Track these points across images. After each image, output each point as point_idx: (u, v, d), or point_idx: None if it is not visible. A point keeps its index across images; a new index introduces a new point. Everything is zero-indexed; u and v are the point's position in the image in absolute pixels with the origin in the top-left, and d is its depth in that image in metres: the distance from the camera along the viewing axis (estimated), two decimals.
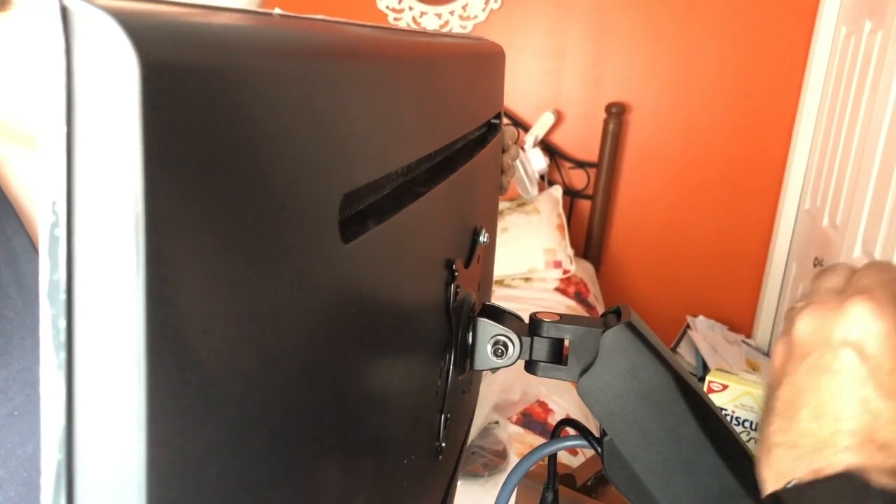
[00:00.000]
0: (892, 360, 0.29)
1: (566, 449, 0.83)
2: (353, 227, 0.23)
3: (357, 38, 0.24)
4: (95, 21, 0.13)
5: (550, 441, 0.46)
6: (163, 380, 0.14)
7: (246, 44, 0.17)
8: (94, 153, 0.13)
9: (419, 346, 0.35)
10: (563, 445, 0.46)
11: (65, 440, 0.15)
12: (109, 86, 0.13)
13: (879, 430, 0.29)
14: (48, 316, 0.14)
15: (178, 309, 0.15)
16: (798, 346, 0.32)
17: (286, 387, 0.20)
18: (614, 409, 0.40)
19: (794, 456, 0.30)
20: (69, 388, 0.14)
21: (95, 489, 0.15)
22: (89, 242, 0.14)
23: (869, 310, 0.30)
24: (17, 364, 0.36)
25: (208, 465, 0.16)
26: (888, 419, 0.29)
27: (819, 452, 0.29)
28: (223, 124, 0.15)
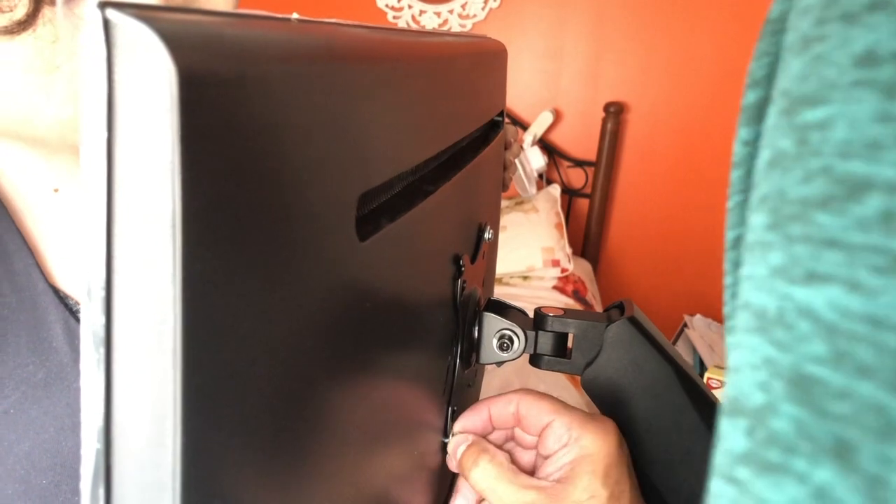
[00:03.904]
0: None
1: None
2: (369, 225, 0.24)
3: (372, 41, 0.25)
4: (135, 32, 0.14)
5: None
6: (196, 373, 0.15)
7: (273, 51, 0.17)
8: (133, 157, 0.14)
9: (428, 339, 0.36)
10: None
11: (104, 431, 0.15)
12: (149, 93, 0.14)
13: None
14: (88, 313, 0.15)
15: (211, 306, 0.15)
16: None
17: (309, 380, 0.21)
18: (617, 402, 0.41)
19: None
20: (108, 382, 0.15)
21: (132, 478, 0.15)
22: (128, 242, 0.14)
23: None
24: (13, 361, 0.36)
25: (238, 452, 0.17)
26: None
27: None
28: (253, 129, 0.16)
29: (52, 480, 0.36)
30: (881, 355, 0.11)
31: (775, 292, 0.13)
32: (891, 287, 0.11)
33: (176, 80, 0.14)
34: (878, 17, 0.12)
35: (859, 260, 0.11)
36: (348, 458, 0.25)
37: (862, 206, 0.12)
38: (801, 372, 0.12)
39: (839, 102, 0.12)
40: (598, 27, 2.34)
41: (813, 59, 0.13)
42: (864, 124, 0.12)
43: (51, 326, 0.37)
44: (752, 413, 0.13)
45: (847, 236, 0.12)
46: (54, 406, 0.36)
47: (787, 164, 0.13)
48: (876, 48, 0.12)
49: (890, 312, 0.11)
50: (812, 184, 0.13)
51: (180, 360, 0.15)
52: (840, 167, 0.12)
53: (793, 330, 0.12)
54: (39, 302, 0.37)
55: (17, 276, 0.37)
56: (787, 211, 0.13)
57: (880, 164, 0.11)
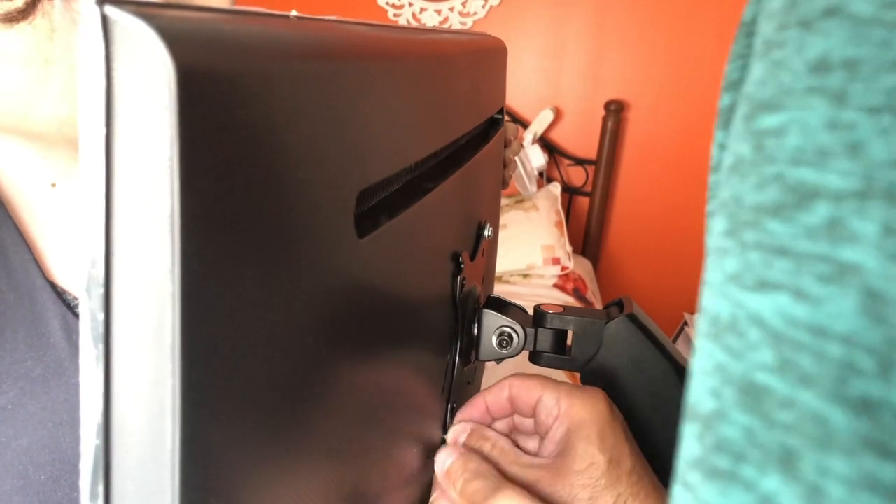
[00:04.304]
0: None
1: None
2: (368, 222, 0.24)
3: (371, 38, 0.25)
4: (134, 29, 0.14)
5: None
6: (195, 369, 0.15)
7: (271, 47, 0.17)
8: (132, 154, 0.14)
9: (427, 336, 0.36)
10: None
11: (103, 427, 0.15)
12: (147, 90, 0.14)
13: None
14: (87, 309, 0.15)
15: (209, 302, 0.16)
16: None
17: (308, 376, 0.21)
18: (616, 399, 0.41)
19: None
20: (107, 378, 0.15)
21: (131, 474, 0.15)
22: (127, 238, 0.15)
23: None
24: (10, 357, 0.36)
25: (236, 448, 0.17)
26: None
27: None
28: (252, 126, 0.16)
29: (50, 476, 0.36)
30: (822, 365, 0.11)
31: (729, 299, 0.13)
32: (834, 296, 0.11)
33: (174, 77, 0.14)
34: (832, 24, 0.12)
35: (806, 268, 0.11)
36: (347, 454, 0.25)
37: (810, 215, 0.12)
38: (751, 380, 0.12)
39: (793, 109, 0.12)
40: (599, 25, 2.33)
41: (772, 65, 0.13)
42: (815, 132, 0.12)
43: (49, 322, 0.37)
44: (703, 419, 0.13)
45: (795, 244, 0.12)
46: (52, 402, 0.36)
47: (744, 169, 0.13)
48: (828, 55, 0.12)
49: (832, 322, 0.11)
50: (766, 191, 0.13)
51: (179, 355, 0.15)
52: (791, 175, 0.12)
53: (744, 337, 0.12)
54: (37, 297, 0.37)
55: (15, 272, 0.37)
56: (743, 217, 0.13)
57: (828, 172, 0.11)
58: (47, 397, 0.36)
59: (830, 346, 0.11)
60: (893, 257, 0.10)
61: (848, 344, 0.11)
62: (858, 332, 0.11)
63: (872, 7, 0.11)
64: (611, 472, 0.35)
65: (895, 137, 0.11)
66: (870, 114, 0.11)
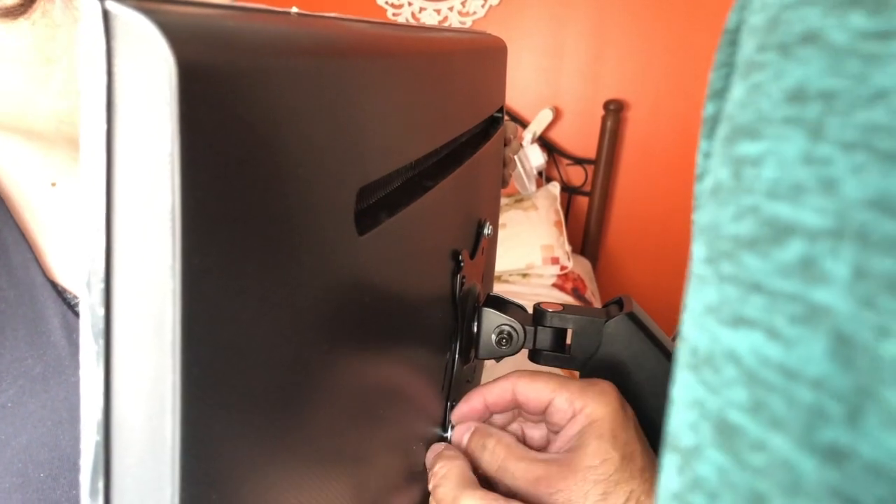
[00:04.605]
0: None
1: None
2: (367, 219, 0.24)
3: (371, 36, 0.25)
4: (135, 23, 0.14)
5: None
6: (195, 365, 0.15)
7: (272, 44, 0.17)
8: (133, 149, 0.14)
9: (427, 334, 0.36)
10: None
11: (103, 423, 0.15)
12: (148, 85, 0.14)
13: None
14: (87, 305, 0.15)
15: (210, 298, 0.15)
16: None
17: (308, 372, 0.21)
18: None
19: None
20: (107, 374, 0.15)
21: (131, 470, 0.15)
22: (127, 234, 0.15)
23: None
24: (10, 355, 0.36)
25: (236, 443, 0.17)
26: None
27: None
28: (252, 121, 0.16)
29: (49, 474, 0.36)
30: (792, 409, 0.11)
31: (706, 331, 0.13)
32: (805, 338, 0.11)
33: (175, 72, 0.14)
34: (809, 52, 0.12)
35: (779, 307, 0.11)
36: (346, 450, 0.25)
37: (784, 251, 0.11)
38: (725, 418, 0.12)
39: (771, 139, 0.12)
40: (599, 25, 2.33)
41: (752, 88, 0.13)
42: (791, 165, 0.11)
43: (49, 320, 0.37)
44: (683, 452, 0.13)
45: (770, 281, 0.11)
46: (52, 400, 0.36)
47: (723, 196, 0.13)
48: (805, 85, 0.12)
49: (803, 365, 0.11)
50: (742, 222, 0.12)
51: (179, 351, 0.15)
52: (767, 208, 0.12)
53: (720, 373, 0.12)
54: (37, 296, 0.37)
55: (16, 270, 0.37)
56: (721, 247, 0.13)
57: (802, 208, 0.11)
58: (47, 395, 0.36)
59: (801, 390, 0.11)
60: (864, 302, 0.10)
61: (818, 389, 0.10)
62: (828, 378, 0.10)
63: (849, 37, 0.11)
64: (624, 469, 0.35)
65: (869, 176, 0.10)
66: (844, 150, 0.11)
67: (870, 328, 0.10)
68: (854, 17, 0.11)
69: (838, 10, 0.11)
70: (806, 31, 0.12)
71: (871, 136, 0.10)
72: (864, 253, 0.10)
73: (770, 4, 0.13)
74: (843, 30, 0.11)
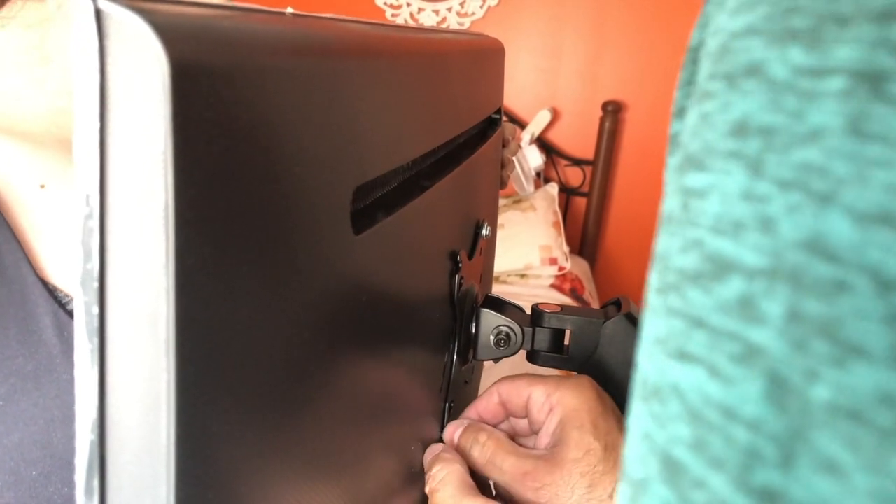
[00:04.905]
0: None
1: None
2: (364, 219, 0.24)
3: (367, 36, 0.25)
4: (128, 23, 0.14)
5: None
6: (189, 363, 0.15)
7: (266, 43, 0.17)
8: (126, 147, 0.14)
9: (425, 335, 0.36)
10: None
11: (98, 421, 0.15)
12: (141, 84, 0.14)
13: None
14: (82, 303, 0.15)
15: (204, 296, 0.15)
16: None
17: (303, 372, 0.21)
18: (614, 397, 0.41)
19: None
20: (101, 372, 0.15)
21: (126, 468, 0.15)
22: (121, 232, 0.15)
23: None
24: (2, 354, 0.36)
25: (231, 442, 0.17)
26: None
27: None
28: (247, 120, 0.16)
29: (41, 472, 0.36)
30: (730, 449, 0.11)
31: (655, 363, 0.12)
32: (743, 378, 0.10)
33: (168, 72, 0.14)
34: (752, 85, 0.11)
35: (720, 345, 0.11)
36: (343, 449, 0.25)
37: (725, 289, 0.11)
38: (670, 453, 0.12)
39: (715, 172, 0.12)
40: (597, 26, 2.34)
41: (702, 117, 0.13)
42: (733, 200, 0.11)
43: (40, 319, 0.37)
44: (633, 485, 0.13)
45: (711, 318, 0.11)
46: (44, 398, 0.36)
47: (672, 227, 0.13)
48: (747, 119, 0.11)
49: (741, 405, 0.10)
50: (688, 255, 0.12)
51: (173, 350, 0.15)
52: (710, 243, 0.12)
53: (666, 407, 0.12)
54: (29, 295, 0.37)
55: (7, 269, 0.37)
56: (669, 279, 0.13)
57: (742, 246, 0.11)
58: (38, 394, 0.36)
59: (738, 430, 0.10)
60: (797, 344, 0.10)
61: (753, 430, 0.10)
62: (763, 419, 0.10)
63: (788, 72, 0.11)
64: (608, 459, 0.35)
65: (803, 217, 0.10)
66: (781, 188, 0.10)
67: (802, 371, 0.10)
68: (793, 51, 0.11)
69: (779, 44, 0.11)
70: (749, 63, 0.12)
71: (805, 176, 0.10)
72: (798, 295, 0.10)
73: (722, 30, 0.13)
74: (783, 64, 0.11)
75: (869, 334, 0.09)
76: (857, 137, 0.10)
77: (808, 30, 0.11)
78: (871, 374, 0.09)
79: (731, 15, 0.12)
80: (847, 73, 0.10)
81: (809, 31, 0.11)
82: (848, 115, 0.10)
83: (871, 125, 0.10)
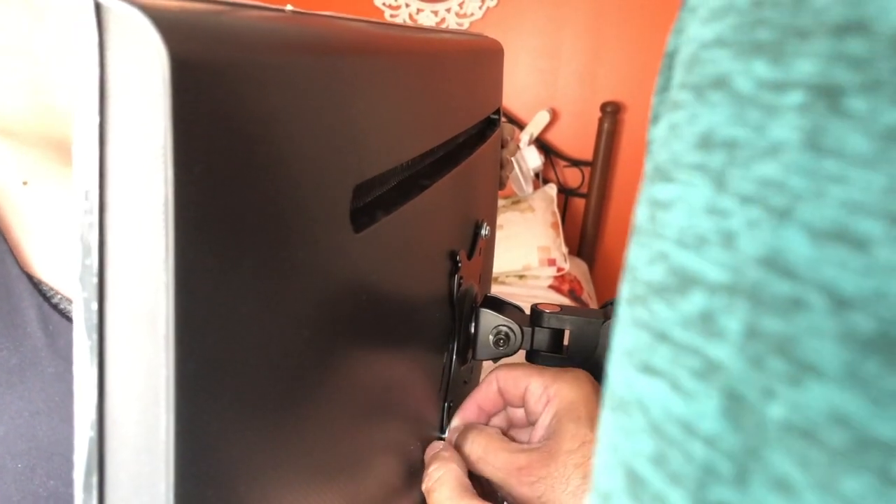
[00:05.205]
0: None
1: None
2: (363, 217, 0.24)
3: (367, 34, 0.25)
4: (128, 17, 0.14)
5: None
6: (189, 360, 0.15)
7: (266, 39, 0.17)
8: (125, 142, 0.14)
9: (424, 334, 0.36)
10: None
11: (97, 418, 0.15)
12: (141, 78, 0.14)
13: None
14: (81, 299, 0.15)
15: (203, 292, 0.15)
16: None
17: (302, 369, 0.20)
18: None
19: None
20: (101, 369, 0.15)
21: (125, 465, 0.15)
22: (121, 228, 0.14)
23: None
24: None
25: (230, 439, 0.17)
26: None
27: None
28: (246, 116, 0.16)
29: (26, 464, 0.36)
30: (689, 465, 0.11)
31: (622, 375, 0.12)
32: (703, 393, 0.10)
33: (168, 66, 0.14)
34: (718, 97, 0.11)
35: (682, 360, 0.11)
36: (342, 448, 0.25)
37: (687, 303, 0.11)
38: (633, 466, 0.12)
39: (681, 184, 0.12)
40: (596, 27, 2.34)
41: (670, 127, 0.13)
42: (697, 214, 0.11)
43: (24, 312, 0.37)
44: (601, 496, 0.12)
45: (674, 332, 0.11)
46: (28, 391, 0.36)
47: (641, 239, 0.13)
48: (712, 131, 0.11)
49: (699, 421, 0.10)
50: (654, 268, 0.12)
51: (173, 346, 0.15)
52: (675, 256, 0.11)
53: (631, 419, 0.12)
54: (13, 288, 0.37)
55: None
56: (637, 291, 0.12)
57: (705, 260, 0.11)
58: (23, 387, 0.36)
59: (696, 446, 0.10)
60: (754, 361, 0.10)
61: (710, 446, 0.10)
62: (720, 436, 0.10)
63: (752, 85, 0.11)
64: None
65: (761, 233, 0.10)
66: (742, 203, 0.10)
67: (758, 389, 0.10)
68: (757, 64, 0.11)
69: (745, 57, 0.11)
70: (716, 75, 0.11)
71: (765, 191, 0.10)
72: (756, 312, 0.10)
73: (693, 39, 0.13)
74: (748, 77, 0.11)
75: (823, 353, 0.09)
76: (814, 152, 0.10)
77: (772, 43, 0.10)
78: (824, 394, 0.09)
79: (702, 23, 0.12)
80: (805, 87, 0.10)
81: (774, 45, 0.10)
82: (805, 129, 0.10)
83: (827, 140, 0.09)
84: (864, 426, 0.09)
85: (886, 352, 0.08)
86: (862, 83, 0.09)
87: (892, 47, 0.09)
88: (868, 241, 0.09)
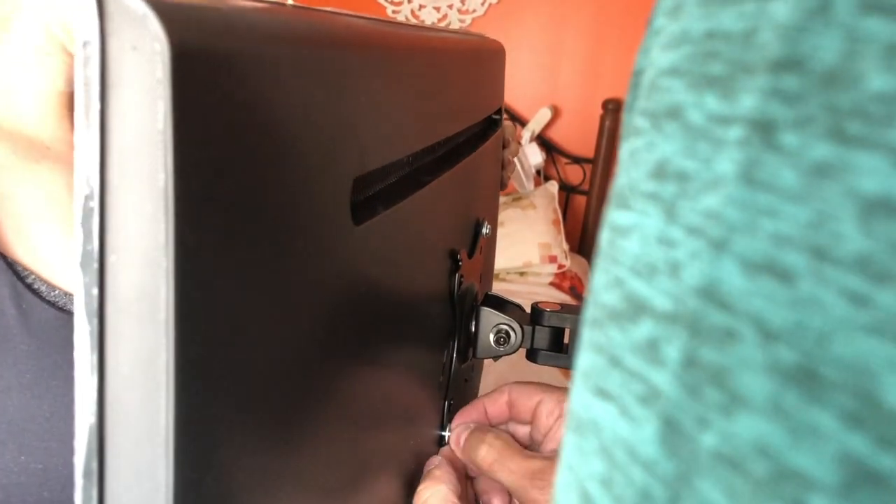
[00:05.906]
0: None
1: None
2: (364, 210, 0.24)
3: (367, 29, 0.25)
4: (129, 6, 0.14)
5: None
6: (188, 346, 0.15)
7: (267, 30, 0.17)
8: (126, 129, 0.14)
9: (424, 332, 0.36)
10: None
11: (97, 404, 0.15)
12: (141, 66, 0.14)
13: None
14: (81, 285, 0.15)
15: (203, 279, 0.16)
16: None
17: (302, 358, 0.21)
18: None
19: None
20: (101, 354, 0.15)
21: (125, 451, 0.15)
22: (121, 213, 0.15)
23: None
24: None
25: (231, 426, 0.17)
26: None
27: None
28: (246, 107, 0.16)
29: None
30: (629, 488, 0.11)
31: (579, 396, 0.13)
32: (646, 419, 0.11)
33: (168, 53, 0.14)
34: (672, 128, 0.11)
35: (630, 385, 0.11)
36: (341, 442, 0.25)
37: (637, 330, 0.11)
38: (586, 487, 0.12)
39: (637, 212, 0.12)
40: (598, 24, 2.34)
41: (630, 154, 0.13)
42: (649, 243, 0.11)
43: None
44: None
45: (625, 358, 0.11)
46: (0, 367, 0.37)
47: (601, 263, 0.13)
48: (666, 161, 0.11)
49: (640, 446, 0.11)
50: (610, 293, 0.12)
51: (173, 331, 0.15)
52: (629, 283, 0.12)
53: (586, 441, 0.12)
54: None
55: None
56: (596, 314, 0.13)
57: (654, 289, 0.11)
58: None
59: (636, 470, 0.11)
60: (691, 390, 0.10)
61: (647, 472, 0.10)
62: (656, 461, 0.10)
63: (702, 118, 0.11)
64: None
65: (701, 264, 0.10)
66: (688, 234, 0.11)
67: (693, 417, 0.10)
68: (709, 98, 0.11)
69: (697, 89, 0.11)
70: (671, 105, 0.12)
71: (706, 223, 0.10)
72: (693, 341, 0.10)
73: (654, 63, 0.13)
74: (699, 110, 0.11)
75: (752, 384, 0.09)
76: (748, 186, 0.10)
77: (723, 77, 0.11)
78: (751, 424, 0.09)
79: (661, 49, 0.13)
80: (745, 121, 0.10)
81: (724, 79, 0.11)
82: (742, 162, 0.10)
83: (761, 174, 0.10)
84: (783, 457, 0.09)
85: (806, 384, 0.09)
86: (795, 119, 0.09)
87: (824, 84, 0.09)
88: (793, 274, 0.09)
